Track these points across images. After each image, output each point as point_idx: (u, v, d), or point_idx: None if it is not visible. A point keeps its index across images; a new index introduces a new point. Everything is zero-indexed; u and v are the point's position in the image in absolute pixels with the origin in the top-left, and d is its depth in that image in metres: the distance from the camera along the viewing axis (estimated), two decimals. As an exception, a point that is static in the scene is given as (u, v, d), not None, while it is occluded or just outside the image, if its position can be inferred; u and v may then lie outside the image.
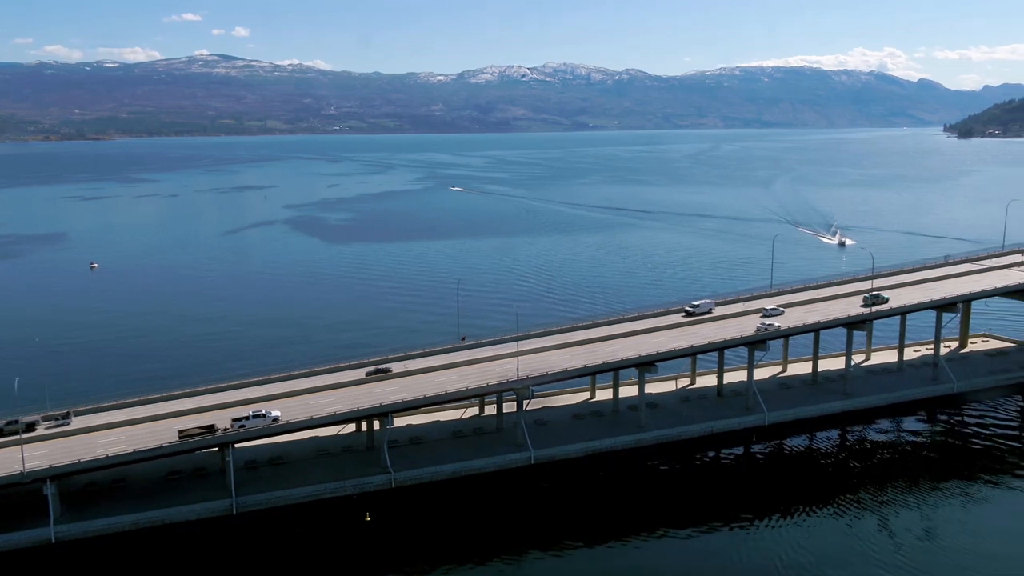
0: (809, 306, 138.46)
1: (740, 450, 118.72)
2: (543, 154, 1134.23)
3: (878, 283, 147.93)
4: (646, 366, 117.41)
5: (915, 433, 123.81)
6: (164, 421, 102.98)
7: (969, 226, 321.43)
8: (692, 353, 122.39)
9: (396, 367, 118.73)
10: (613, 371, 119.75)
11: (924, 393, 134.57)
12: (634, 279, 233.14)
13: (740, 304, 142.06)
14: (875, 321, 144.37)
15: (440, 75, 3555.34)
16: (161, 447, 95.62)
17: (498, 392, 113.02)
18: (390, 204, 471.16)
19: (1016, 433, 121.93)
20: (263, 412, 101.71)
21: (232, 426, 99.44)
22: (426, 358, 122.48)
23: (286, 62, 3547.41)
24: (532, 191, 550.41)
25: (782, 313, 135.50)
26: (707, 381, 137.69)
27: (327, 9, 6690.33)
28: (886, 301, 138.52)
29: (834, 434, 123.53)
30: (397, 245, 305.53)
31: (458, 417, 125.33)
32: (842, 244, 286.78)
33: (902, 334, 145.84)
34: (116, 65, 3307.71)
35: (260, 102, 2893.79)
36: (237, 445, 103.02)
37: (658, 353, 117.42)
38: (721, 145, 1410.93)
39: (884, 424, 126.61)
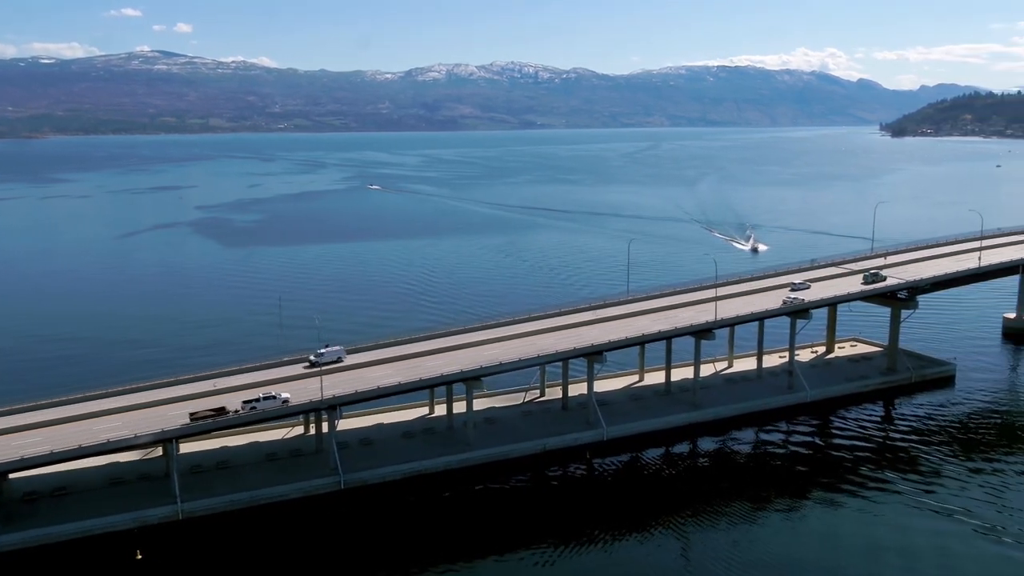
0: (660, 314, 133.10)
1: (582, 467, 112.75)
2: (482, 152, 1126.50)
3: (732, 289, 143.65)
4: (472, 381, 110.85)
5: (758, 445, 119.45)
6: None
7: (876, 226, 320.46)
8: (519, 367, 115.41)
9: (206, 385, 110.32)
10: (431, 387, 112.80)
11: (776, 403, 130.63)
12: (522, 284, 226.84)
13: (589, 312, 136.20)
14: (737, 327, 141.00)
15: (387, 73, 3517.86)
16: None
17: (301, 412, 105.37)
18: (302, 205, 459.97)
19: (859, 443, 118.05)
20: (273, 394, 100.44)
21: (243, 408, 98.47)
22: (242, 375, 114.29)
23: (230, 59, 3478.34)
24: (456, 190, 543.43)
25: (809, 287, 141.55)
26: (559, 393, 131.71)
27: (273, 6, 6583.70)
28: (884, 279, 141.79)
29: (678, 448, 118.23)
30: (289, 249, 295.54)
31: (280, 437, 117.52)
32: (755, 250, 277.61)
33: (760, 341, 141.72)
34: (52, 61, 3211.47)
35: (202, 100, 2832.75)
36: (15, 475, 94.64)
37: (482, 368, 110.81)
38: (661, 144, 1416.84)
39: (731, 436, 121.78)
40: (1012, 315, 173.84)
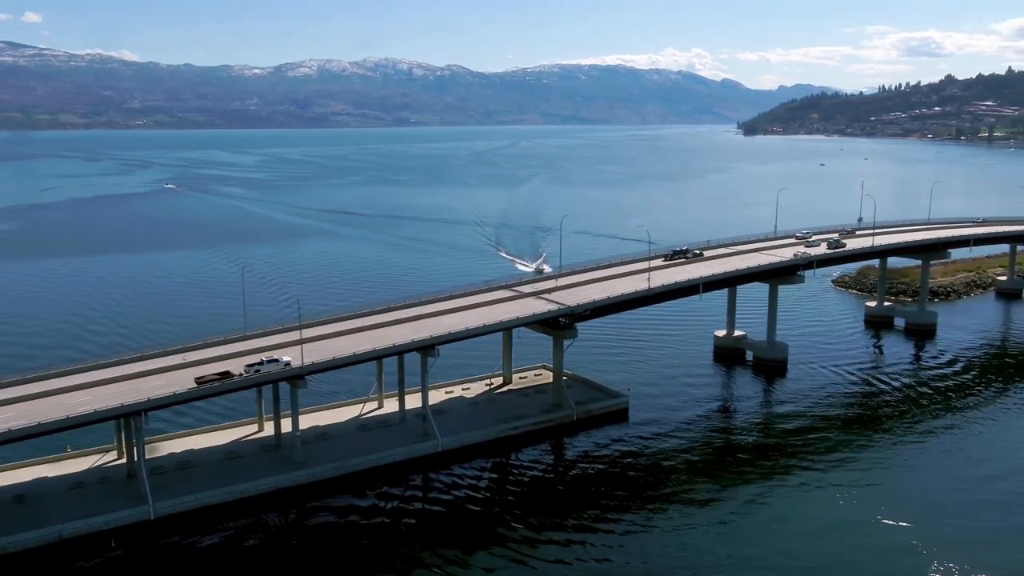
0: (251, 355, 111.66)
1: (125, 550, 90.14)
2: (329, 151, 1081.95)
3: (385, 317, 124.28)
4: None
5: (358, 515, 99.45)
6: None
7: (670, 230, 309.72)
8: (50, 430, 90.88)
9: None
10: None
11: (399, 456, 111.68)
12: (209, 309, 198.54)
13: (153, 360, 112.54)
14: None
15: (256, 68, 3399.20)
16: None
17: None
18: (78, 211, 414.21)
19: (470, 507, 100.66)
20: (276, 358, 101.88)
21: (247, 371, 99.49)
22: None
23: (85, 52, 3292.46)
24: (267, 193, 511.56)
25: (818, 245, 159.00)
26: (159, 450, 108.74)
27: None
28: (844, 246, 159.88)
29: (250, 522, 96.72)
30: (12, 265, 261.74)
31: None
32: (540, 271, 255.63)
33: (401, 379, 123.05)
34: None
35: (52, 94, 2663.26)
36: None
37: (10, 431, 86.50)
38: (520, 142, 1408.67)
39: (330, 503, 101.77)
40: (723, 333, 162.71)
